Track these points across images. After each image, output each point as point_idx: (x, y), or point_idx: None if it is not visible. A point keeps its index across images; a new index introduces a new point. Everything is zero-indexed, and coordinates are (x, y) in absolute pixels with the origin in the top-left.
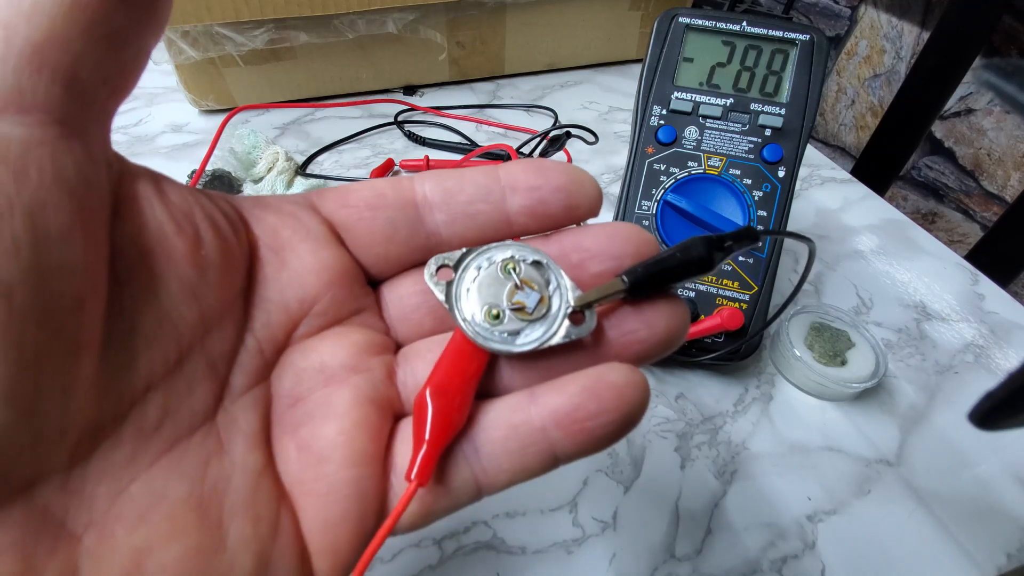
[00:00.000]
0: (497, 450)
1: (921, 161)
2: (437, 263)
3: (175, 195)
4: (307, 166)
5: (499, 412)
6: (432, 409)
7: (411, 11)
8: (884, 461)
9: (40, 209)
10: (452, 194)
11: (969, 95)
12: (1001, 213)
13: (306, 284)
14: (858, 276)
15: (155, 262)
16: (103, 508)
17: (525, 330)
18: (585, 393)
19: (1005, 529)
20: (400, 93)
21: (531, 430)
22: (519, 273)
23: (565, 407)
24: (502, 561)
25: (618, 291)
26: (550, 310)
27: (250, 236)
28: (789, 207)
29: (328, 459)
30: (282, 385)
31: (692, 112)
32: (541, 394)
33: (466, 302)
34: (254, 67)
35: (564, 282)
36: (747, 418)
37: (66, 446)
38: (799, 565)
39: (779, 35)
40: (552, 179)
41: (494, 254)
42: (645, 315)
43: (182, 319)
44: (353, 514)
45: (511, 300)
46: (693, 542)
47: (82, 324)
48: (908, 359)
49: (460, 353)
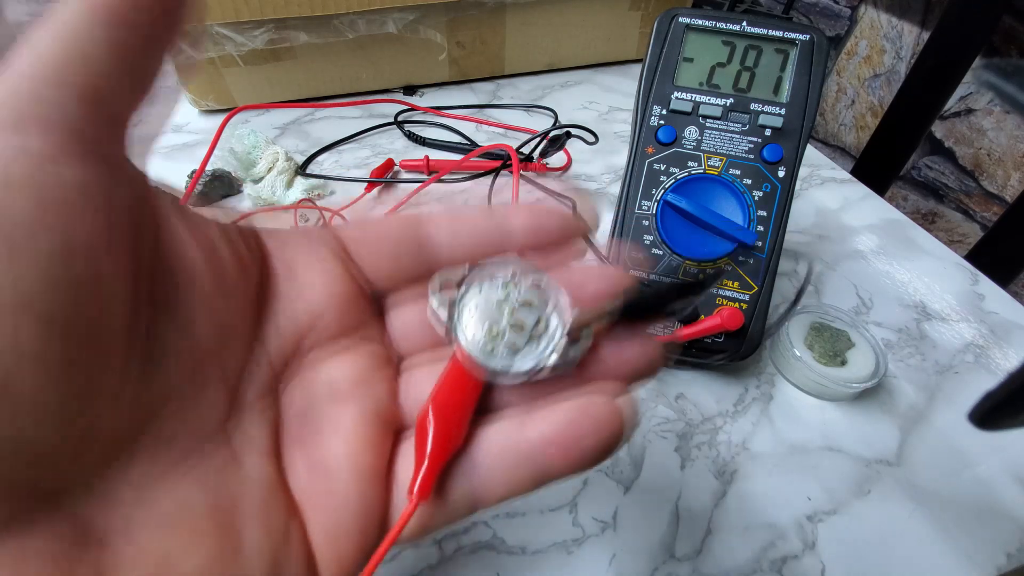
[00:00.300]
0: (493, 467)
1: (921, 161)
2: (440, 280)
3: (196, 216)
4: (307, 166)
5: (496, 430)
6: (433, 428)
7: (411, 11)
8: (884, 461)
9: (66, 224)
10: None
11: (969, 95)
12: (1001, 213)
13: (315, 298)
14: (858, 276)
15: (177, 278)
16: (127, 515)
17: (524, 348)
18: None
19: (1005, 529)
20: (400, 93)
21: (526, 449)
22: (519, 292)
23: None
24: (502, 561)
25: (614, 311)
26: (548, 329)
27: (263, 253)
28: (789, 207)
29: (335, 473)
30: (291, 398)
31: (692, 112)
32: (536, 413)
33: (467, 321)
34: (254, 67)
35: (562, 301)
36: (747, 418)
37: (93, 455)
38: (799, 565)
39: (779, 35)
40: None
41: (495, 271)
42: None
43: (200, 333)
44: (358, 526)
45: (511, 318)
46: (693, 542)
47: (107, 337)
48: (908, 359)
49: (461, 371)
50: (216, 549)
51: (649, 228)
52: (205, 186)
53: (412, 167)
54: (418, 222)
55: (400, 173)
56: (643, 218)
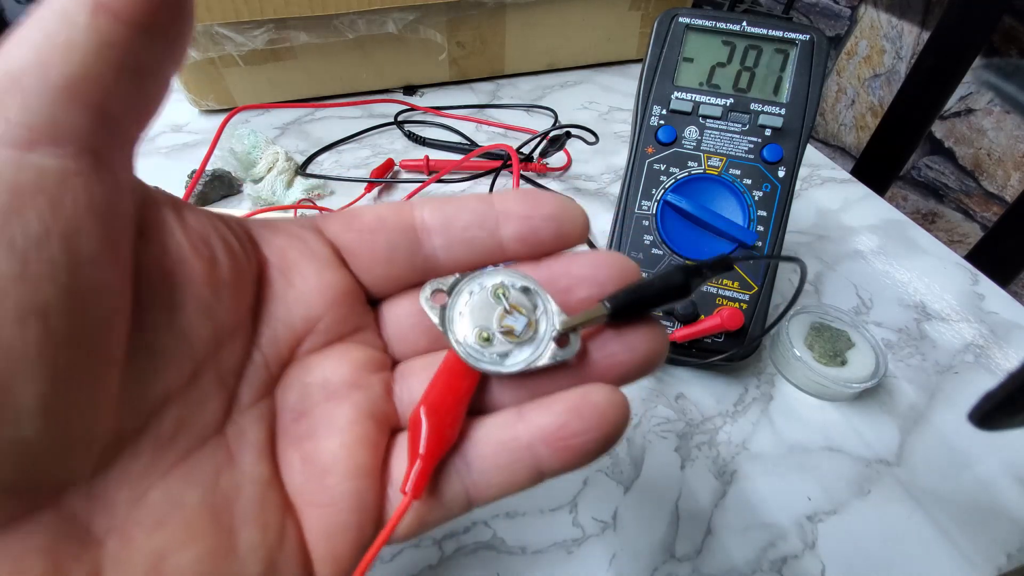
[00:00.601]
0: (487, 465)
1: (921, 161)
2: (432, 288)
3: (193, 219)
4: (307, 166)
5: (489, 429)
6: (426, 426)
7: (411, 11)
8: (884, 461)
9: (74, 235)
10: (449, 220)
11: (969, 95)
12: (1001, 213)
13: (311, 303)
14: (858, 276)
15: (175, 283)
16: (124, 514)
17: (514, 352)
18: (570, 412)
19: (1005, 529)
20: (400, 93)
21: (518, 447)
22: (508, 298)
23: (551, 425)
24: (502, 561)
25: (601, 316)
26: (537, 333)
27: (259, 256)
28: (789, 207)
29: (330, 472)
30: (286, 399)
31: (692, 112)
32: (528, 412)
33: (459, 325)
34: (254, 67)
35: (551, 307)
36: (747, 418)
37: (92, 456)
38: (799, 565)
39: (779, 35)
40: (543, 208)
41: (485, 280)
42: (627, 339)
43: (197, 336)
44: (353, 524)
45: (501, 323)
46: (693, 542)
47: (109, 342)
48: (908, 359)
49: (453, 373)
50: (211, 548)
51: (649, 228)
52: (205, 186)
53: (412, 167)
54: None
55: (400, 173)
56: (643, 218)
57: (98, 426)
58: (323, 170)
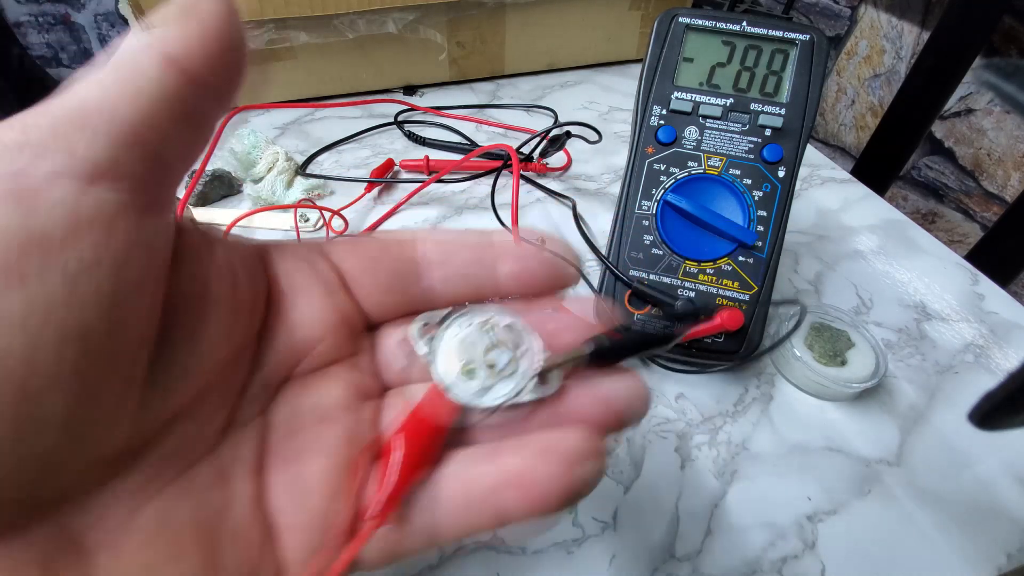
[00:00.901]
0: (451, 504)
1: (921, 161)
2: (423, 321)
3: (220, 247)
4: (307, 166)
5: (456, 467)
6: (396, 455)
7: (411, 11)
8: (884, 461)
9: (122, 265)
10: (449, 256)
11: (969, 95)
12: (1001, 213)
13: (313, 326)
14: (858, 276)
15: (201, 307)
16: (116, 529)
17: (495, 387)
18: (536, 456)
19: (1005, 529)
20: (400, 93)
21: (482, 489)
22: (494, 334)
23: (516, 467)
24: (502, 561)
25: (582, 356)
26: (518, 370)
27: (269, 278)
28: (789, 207)
29: (311, 493)
30: (278, 418)
31: (692, 112)
32: (501, 452)
33: (444, 357)
34: (254, 67)
35: (535, 345)
36: (747, 418)
37: (95, 471)
38: (799, 565)
39: (779, 35)
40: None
41: (473, 316)
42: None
43: (213, 357)
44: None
45: (485, 358)
46: (693, 542)
47: (135, 363)
48: (908, 359)
49: (433, 404)
50: (196, 564)
51: (649, 228)
52: (205, 186)
53: (412, 167)
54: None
55: (400, 173)
56: (643, 218)
57: (107, 441)
58: (323, 170)
